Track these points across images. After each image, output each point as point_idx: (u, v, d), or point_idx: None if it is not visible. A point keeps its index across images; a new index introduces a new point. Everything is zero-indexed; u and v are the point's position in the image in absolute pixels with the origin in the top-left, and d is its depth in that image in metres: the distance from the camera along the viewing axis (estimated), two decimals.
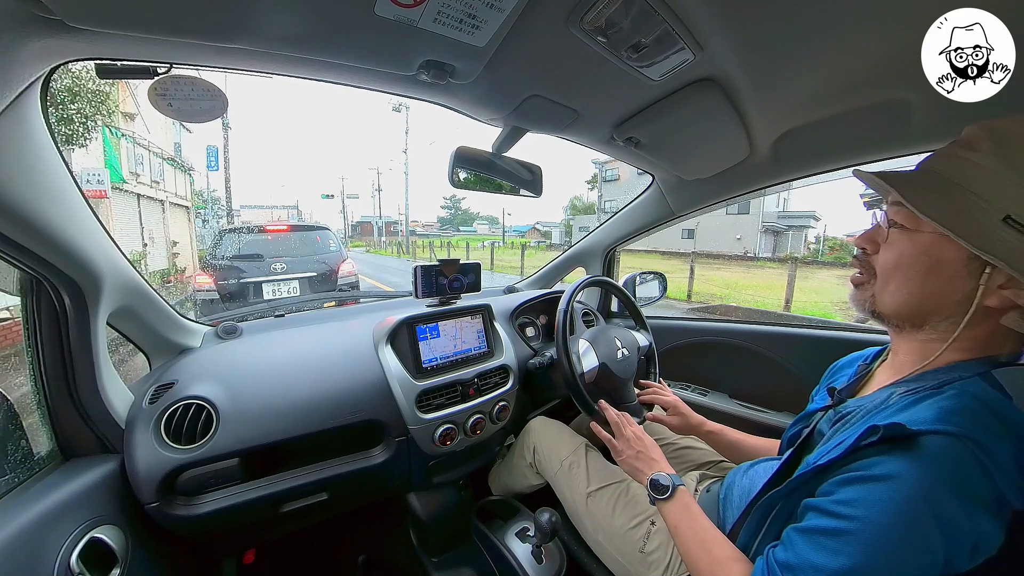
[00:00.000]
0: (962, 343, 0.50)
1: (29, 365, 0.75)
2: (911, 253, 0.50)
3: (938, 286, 0.49)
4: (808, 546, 0.47)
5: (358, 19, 0.54)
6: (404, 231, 29.57)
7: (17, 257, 0.63)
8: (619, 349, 1.16)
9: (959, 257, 0.46)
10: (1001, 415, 0.44)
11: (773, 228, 23.24)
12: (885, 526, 0.43)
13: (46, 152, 0.61)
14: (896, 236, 0.52)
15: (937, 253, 0.48)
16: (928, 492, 0.42)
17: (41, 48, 0.50)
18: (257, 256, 4.33)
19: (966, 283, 0.47)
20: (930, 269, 0.49)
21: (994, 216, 0.43)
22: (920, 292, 0.50)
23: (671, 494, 0.73)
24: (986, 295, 0.45)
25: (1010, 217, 0.42)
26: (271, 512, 0.92)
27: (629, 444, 0.87)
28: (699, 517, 0.69)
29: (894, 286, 0.52)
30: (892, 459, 0.44)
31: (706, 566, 0.62)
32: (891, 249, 0.52)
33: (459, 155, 0.97)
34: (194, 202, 14.95)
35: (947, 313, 0.49)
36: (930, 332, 0.52)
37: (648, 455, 0.83)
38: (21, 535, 0.58)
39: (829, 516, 0.47)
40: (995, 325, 0.48)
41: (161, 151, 11.46)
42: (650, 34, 0.62)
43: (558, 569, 1.01)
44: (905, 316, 0.53)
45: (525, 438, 1.22)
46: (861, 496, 0.45)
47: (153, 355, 1.01)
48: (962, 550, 0.42)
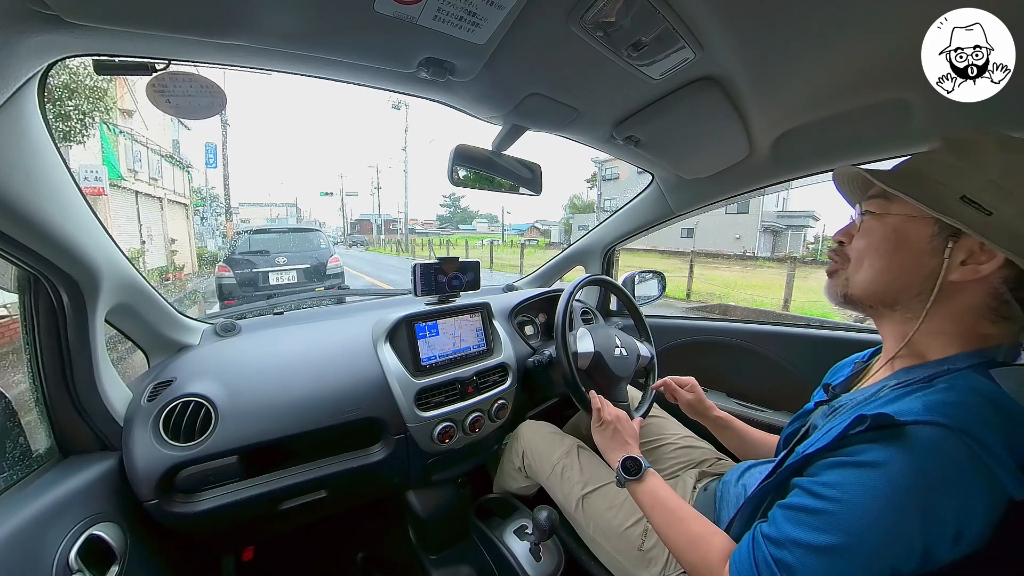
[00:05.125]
0: (938, 324, 0.52)
1: (27, 362, 0.75)
2: (880, 233, 0.55)
3: (905, 262, 0.53)
4: (789, 522, 0.49)
5: (358, 16, 0.54)
6: (403, 229, 29.55)
7: (15, 254, 0.63)
8: (617, 347, 1.16)
9: (924, 234, 0.52)
10: (995, 403, 0.45)
11: (772, 228, 23.25)
12: (866, 511, 0.43)
13: (44, 149, 0.61)
14: (867, 223, 0.58)
15: (904, 231, 0.53)
16: (912, 481, 0.42)
17: (38, 44, 0.50)
18: (264, 252, 5.62)
19: (930, 259, 0.51)
20: (897, 246, 0.54)
21: (953, 196, 0.49)
22: (888, 268, 0.55)
23: (640, 475, 0.76)
24: (949, 270, 0.50)
25: (967, 196, 0.48)
26: (270, 509, 0.92)
27: (606, 425, 0.90)
28: (672, 497, 0.71)
29: (866, 265, 0.57)
30: (879, 447, 0.45)
31: (687, 541, 0.63)
32: (862, 235, 0.58)
33: (459, 153, 0.97)
34: (193, 199, 14.83)
35: (916, 290, 0.53)
36: (904, 311, 0.55)
37: (623, 437, 0.86)
38: (20, 532, 0.58)
39: (812, 496, 0.48)
40: (969, 311, 0.51)
41: (159, 148, 11.37)
42: (650, 32, 0.62)
43: (556, 567, 1.01)
44: (877, 295, 0.57)
45: (514, 443, 1.21)
46: (845, 480, 0.46)
47: (152, 352, 1.01)
48: (943, 540, 0.42)
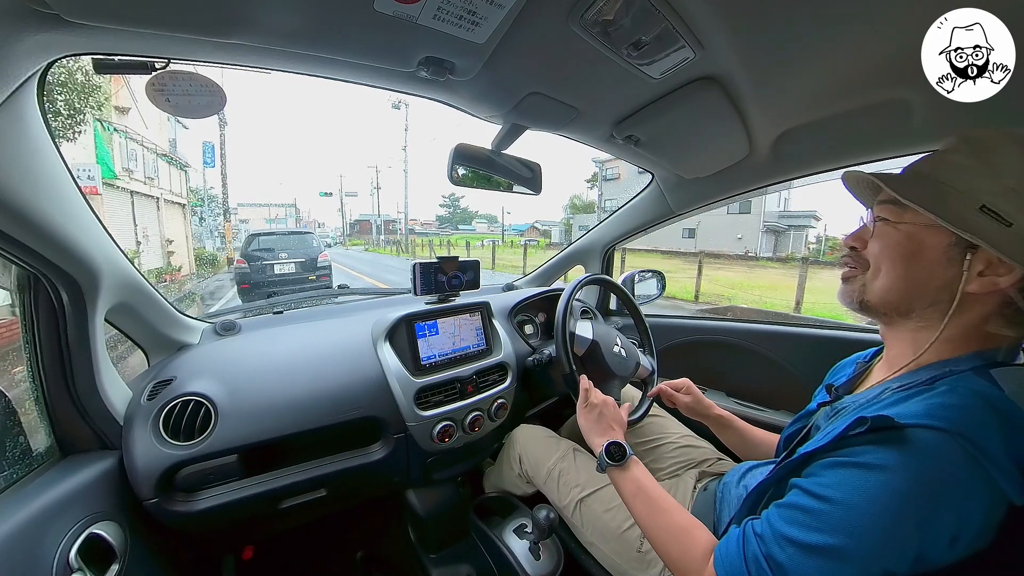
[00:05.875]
0: (952, 334, 0.51)
1: (27, 362, 0.75)
2: (895, 239, 0.54)
3: (921, 271, 0.52)
4: (783, 520, 0.49)
5: (358, 15, 0.54)
6: (403, 229, 29.45)
7: (15, 253, 0.63)
8: (617, 345, 1.16)
9: (939, 244, 0.50)
10: (996, 407, 0.45)
11: (774, 228, 23.21)
12: (862, 512, 0.43)
13: (43, 148, 0.61)
14: (881, 229, 0.56)
15: (919, 239, 0.51)
16: (910, 484, 0.42)
17: (38, 43, 0.50)
18: (271, 249, 7.42)
19: (947, 269, 0.50)
20: (912, 255, 0.52)
21: (971, 205, 0.47)
22: (904, 277, 0.53)
23: (623, 462, 0.73)
24: (968, 281, 0.48)
25: (985, 206, 0.46)
26: (270, 508, 0.92)
27: (592, 407, 0.87)
28: (655, 487, 0.70)
29: (883, 272, 0.55)
30: (879, 449, 0.45)
31: (669, 534, 0.62)
32: (877, 240, 0.56)
33: (459, 152, 0.97)
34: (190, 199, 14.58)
35: (931, 300, 0.52)
36: (918, 321, 0.54)
37: (608, 422, 0.84)
38: (20, 531, 0.58)
39: (808, 495, 0.48)
40: (981, 317, 0.50)
41: (155, 147, 11.16)
42: (651, 32, 0.62)
43: (555, 566, 1.01)
44: (892, 303, 0.56)
45: (510, 449, 1.21)
46: (842, 480, 0.46)
47: (151, 351, 1.01)
48: (939, 543, 0.42)
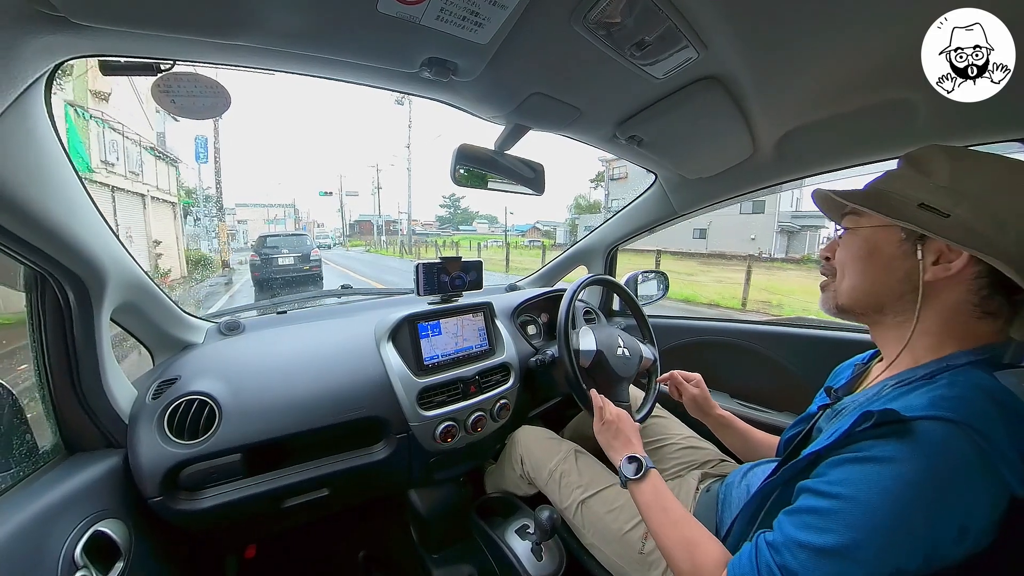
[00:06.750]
0: (928, 324, 0.54)
1: (33, 360, 0.75)
2: (855, 244, 0.60)
3: (880, 268, 0.57)
4: (794, 525, 0.49)
5: (361, 16, 0.54)
6: (405, 229, 29.28)
7: (22, 253, 0.63)
8: (620, 346, 1.16)
9: (893, 240, 0.55)
10: (996, 399, 0.45)
11: (788, 228, 22.97)
12: (874, 506, 0.43)
13: (50, 148, 0.61)
14: (845, 237, 0.62)
15: (874, 240, 0.57)
16: (920, 476, 0.42)
17: (44, 45, 0.50)
18: (275, 246, 9.63)
19: (903, 262, 0.54)
20: (870, 253, 0.58)
21: (911, 204, 0.53)
22: (864, 273, 0.59)
23: (643, 475, 0.75)
24: (924, 270, 0.52)
25: (923, 203, 0.52)
26: (272, 507, 0.92)
27: (609, 424, 0.89)
28: (672, 499, 0.71)
29: (848, 275, 0.61)
30: (886, 443, 0.45)
31: (682, 546, 0.63)
32: (842, 248, 0.63)
33: (461, 153, 0.97)
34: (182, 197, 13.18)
35: (897, 293, 0.56)
36: (894, 316, 0.57)
37: (626, 436, 0.86)
38: (26, 528, 0.59)
39: (818, 496, 0.48)
40: (952, 308, 0.53)
41: (139, 138, 9.89)
42: (654, 32, 0.62)
43: (557, 567, 1.01)
44: (861, 301, 0.60)
45: (512, 450, 1.21)
46: (852, 476, 0.46)
47: (156, 351, 1.02)
48: (948, 536, 0.42)
